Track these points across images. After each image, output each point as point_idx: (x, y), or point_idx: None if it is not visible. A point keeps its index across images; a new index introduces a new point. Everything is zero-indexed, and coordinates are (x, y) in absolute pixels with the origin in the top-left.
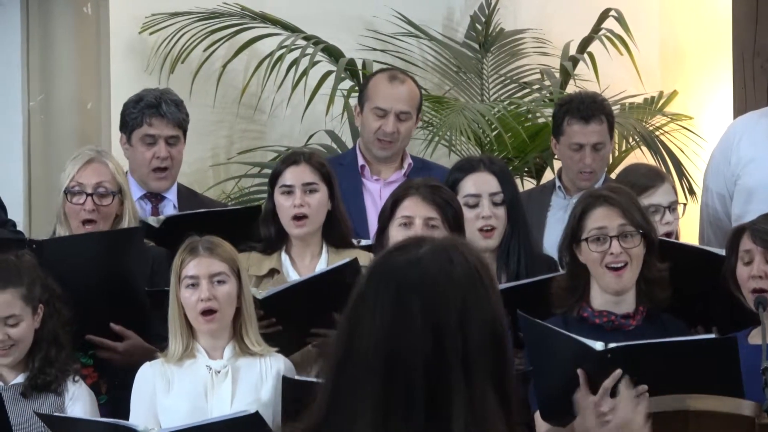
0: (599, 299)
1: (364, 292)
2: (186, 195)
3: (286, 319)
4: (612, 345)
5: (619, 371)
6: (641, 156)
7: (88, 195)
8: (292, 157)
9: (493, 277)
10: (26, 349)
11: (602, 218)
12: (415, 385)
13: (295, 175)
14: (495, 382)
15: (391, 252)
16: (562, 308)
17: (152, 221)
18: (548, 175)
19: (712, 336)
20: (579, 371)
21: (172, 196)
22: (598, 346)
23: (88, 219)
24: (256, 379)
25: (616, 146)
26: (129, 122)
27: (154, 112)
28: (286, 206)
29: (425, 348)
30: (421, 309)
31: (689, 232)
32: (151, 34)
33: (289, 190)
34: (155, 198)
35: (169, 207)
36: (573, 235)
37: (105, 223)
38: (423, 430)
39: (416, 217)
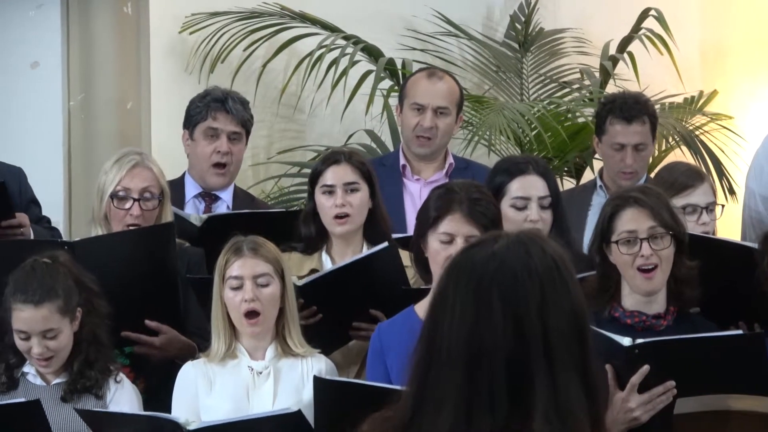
0: (630, 299)
1: (444, 289)
2: (242, 198)
3: (326, 308)
4: (639, 340)
5: (646, 367)
6: (681, 156)
7: (134, 200)
8: (332, 157)
9: (572, 270)
10: (66, 356)
11: (632, 220)
12: (498, 378)
13: (337, 175)
14: (579, 372)
15: (468, 249)
16: (593, 308)
17: (194, 219)
18: (588, 175)
19: (739, 332)
20: (607, 366)
21: (227, 197)
22: (626, 341)
23: (133, 223)
24: (298, 380)
25: (656, 146)
26: (193, 116)
27: (219, 106)
28: (327, 206)
29: (507, 340)
30: (501, 301)
31: (729, 234)
32: (191, 33)
33: (330, 190)
34: (209, 197)
35: (223, 208)
36: (603, 236)
37: (148, 224)
38: (506, 421)
39: (458, 235)
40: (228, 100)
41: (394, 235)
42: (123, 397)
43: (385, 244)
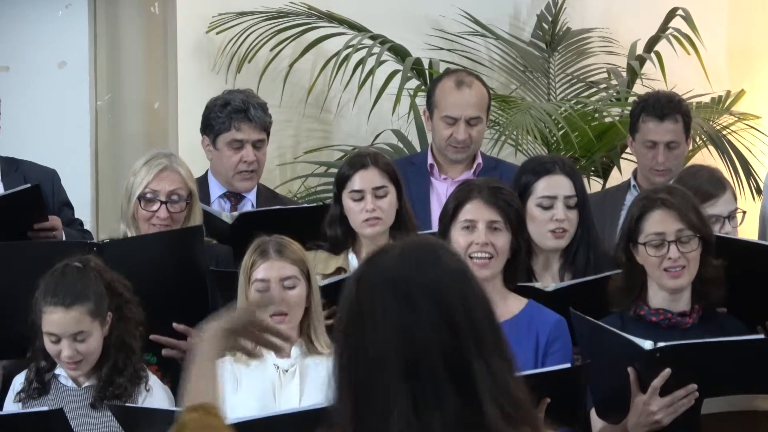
0: (656, 297)
1: (357, 301)
2: (266, 195)
3: None
4: (661, 344)
5: (668, 371)
6: (708, 156)
7: (162, 203)
8: (359, 161)
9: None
10: (96, 359)
11: (660, 223)
12: (438, 372)
13: (365, 180)
14: (504, 359)
15: (369, 259)
16: (619, 307)
17: (226, 217)
18: (615, 174)
19: (760, 336)
20: (629, 369)
21: (251, 195)
22: (647, 345)
23: (161, 225)
24: (324, 378)
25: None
26: (215, 126)
27: (242, 117)
28: (356, 210)
29: (438, 333)
30: (424, 296)
31: (751, 231)
32: (217, 33)
33: (360, 196)
34: (234, 197)
35: (248, 206)
36: (630, 237)
37: (175, 226)
38: (456, 412)
39: (479, 220)
40: (250, 108)
41: (420, 233)
42: (153, 403)
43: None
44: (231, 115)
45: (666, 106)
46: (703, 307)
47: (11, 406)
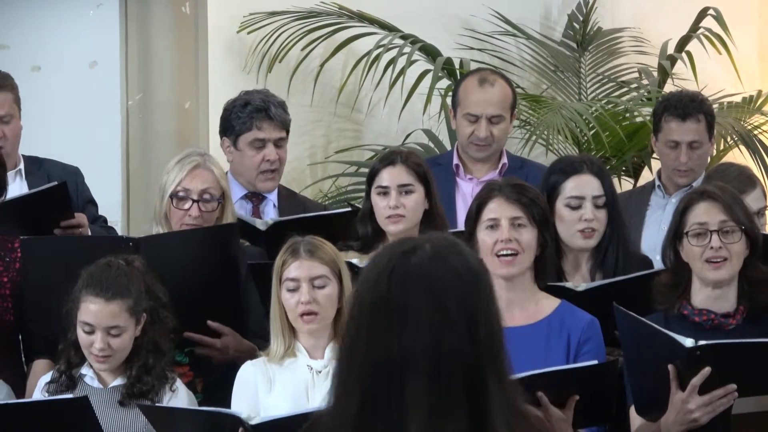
0: (700, 297)
1: (389, 296)
2: (286, 195)
3: None
4: (702, 342)
5: (707, 369)
6: (738, 155)
7: (194, 201)
8: (389, 158)
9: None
10: (123, 358)
11: (704, 213)
12: (457, 383)
13: (391, 176)
14: (510, 373)
15: (401, 254)
16: (664, 305)
17: (260, 224)
18: (646, 174)
19: None
20: (669, 367)
21: (272, 196)
22: (688, 342)
23: (191, 224)
24: None
25: (714, 145)
26: (236, 126)
27: (263, 116)
28: (381, 206)
29: (463, 344)
30: (456, 305)
31: None
32: (248, 33)
33: (385, 191)
34: (256, 198)
35: (269, 206)
36: (676, 232)
37: (208, 224)
38: (467, 426)
39: (502, 218)
40: (270, 107)
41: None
42: (177, 404)
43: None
44: (252, 114)
45: (688, 105)
46: (748, 309)
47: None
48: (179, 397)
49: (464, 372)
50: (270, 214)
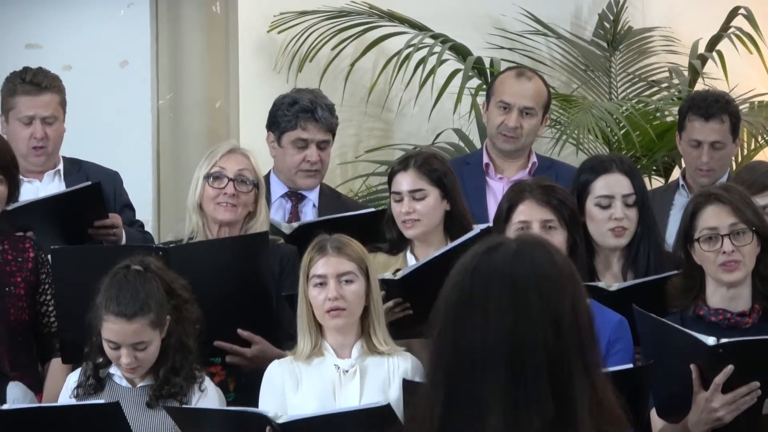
0: (715, 297)
1: (471, 292)
2: (329, 195)
3: (417, 302)
4: (724, 340)
5: (730, 367)
6: None
7: (229, 180)
8: (403, 163)
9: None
10: (152, 363)
11: (713, 217)
12: (541, 376)
13: (403, 182)
14: (600, 368)
15: (484, 252)
16: (679, 307)
17: (285, 228)
18: (677, 174)
19: None
20: (692, 366)
21: (313, 196)
22: (711, 341)
23: (227, 202)
24: (384, 378)
25: (745, 144)
26: (281, 123)
27: (309, 116)
28: (397, 212)
29: (547, 337)
30: (539, 299)
31: None
32: (279, 32)
33: (398, 198)
34: (296, 197)
35: (309, 207)
36: (686, 235)
37: (243, 210)
38: (552, 419)
39: (533, 221)
40: (317, 109)
41: (476, 226)
42: (206, 404)
43: (482, 226)
44: (298, 114)
45: (712, 106)
46: (764, 307)
47: (67, 401)
48: (208, 396)
49: (549, 365)
50: (309, 214)
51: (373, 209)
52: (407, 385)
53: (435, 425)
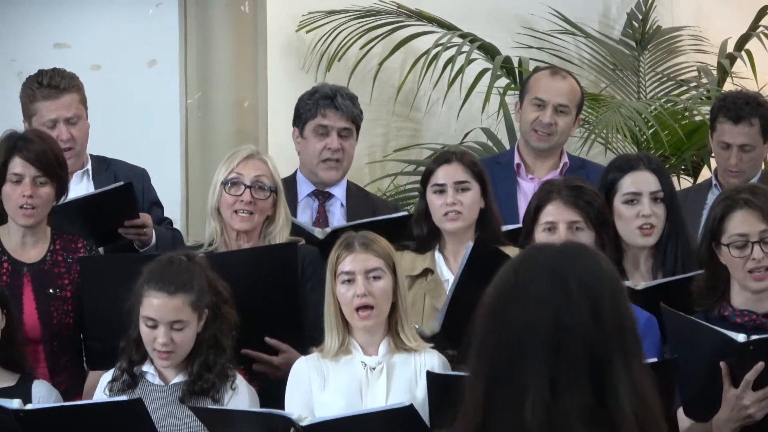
0: (739, 298)
1: (515, 284)
2: (356, 193)
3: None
4: (755, 337)
5: (761, 364)
6: None
7: (246, 187)
8: (444, 156)
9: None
10: (186, 354)
11: (743, 223)
12: (580, 360)
13: (448, 174)
14: (641, 360)
15: (529, 250)
16: (703, 307)
17: (318, 233)
18: (705, 173)
19: None
20: (721, 364)
21: (340, 194)
22: (741, 338)
23: (243, 209)
24: (411, 376)
25: None
26: (303, 114)
27: (329, 103)
28: (438, 204)
29: (585, 323)
30: (578, 286)
31: None
32: (307, 32)
33: (441, 189)
34: (323, 195)
35: (337, 206)
36: (712, 237)
37: (260, 216)
38: (591, 404)
39: (560, 222)
40: (337, 96)
41: (504, 227)
42: (238, 403)
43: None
44: (318, 101)
45: (743, 108)
46: None
47: (98, 398)
48: (240, 395)
49: (588, 350)
50: (336, 213)
51: (405, 213)
52: (432, 378)
53: (479, 414)
